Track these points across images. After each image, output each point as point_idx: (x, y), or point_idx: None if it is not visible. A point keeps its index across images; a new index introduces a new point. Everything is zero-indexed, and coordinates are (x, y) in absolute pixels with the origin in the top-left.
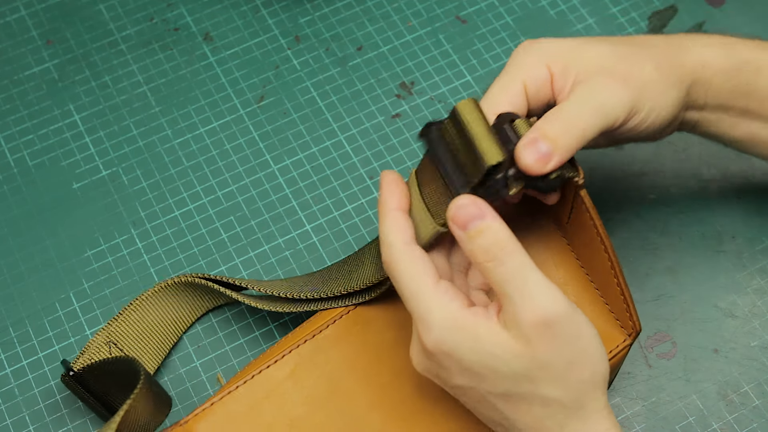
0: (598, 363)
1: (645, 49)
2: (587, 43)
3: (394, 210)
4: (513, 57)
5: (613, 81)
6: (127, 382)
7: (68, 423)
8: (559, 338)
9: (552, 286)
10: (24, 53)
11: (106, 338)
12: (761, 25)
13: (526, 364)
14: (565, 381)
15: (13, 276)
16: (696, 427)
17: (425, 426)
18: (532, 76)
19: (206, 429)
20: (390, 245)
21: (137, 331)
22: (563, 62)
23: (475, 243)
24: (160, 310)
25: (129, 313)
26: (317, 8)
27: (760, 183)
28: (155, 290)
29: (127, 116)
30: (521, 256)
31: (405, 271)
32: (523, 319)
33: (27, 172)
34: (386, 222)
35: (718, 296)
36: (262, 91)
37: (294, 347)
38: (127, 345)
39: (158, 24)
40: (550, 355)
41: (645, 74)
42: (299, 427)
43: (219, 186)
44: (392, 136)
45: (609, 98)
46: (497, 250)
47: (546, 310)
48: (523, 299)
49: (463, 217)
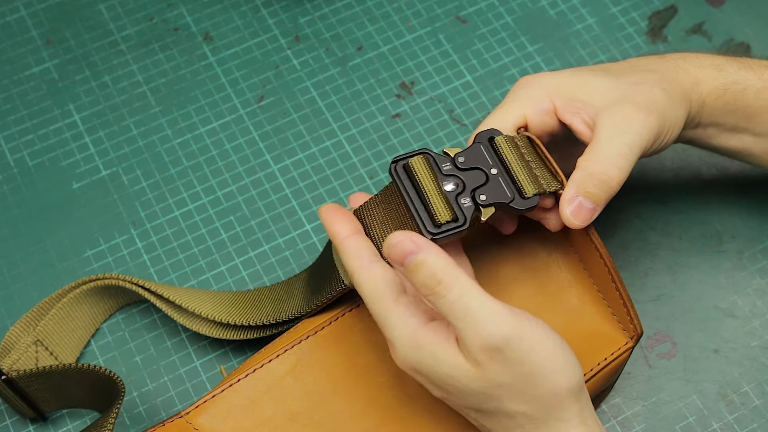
0: (558, 376)
1: (650, 74)
2: (587, 73)
3: (345, 238)
4: (514, 90)
5: (639, 110)
6: (61, 388)
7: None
8: (508, 360)
9: (496, 311)
10: (24, 53)
11: (34, 338)
12: (761, 25)
13: (483, 384)
14: (525, 396)
15: (13, 276)
16: (696, 427)
17: (424, 426)
18: (536, 108)
19: (207, 421)
20: (351, 272)
21: (62, 330)
22: (568, 93)
23: (413, 278)
24: (84, 308)
25: (56, 311)
26: (317, 8)
27: (760, 183)
28: (83, 290)
29: (127, 116)
30: (460, 286)
31: (366, 293)
32: (470, 344)
33: (27, 172)
34: (342, 251)
35: (718, 296)
36: (262, 91)
37: (296, 343)
38: (53, 343)
39: (158, 24)
40: (503, 376)
41: (659, 99)
42: (299, 422)
43: (219, 186)
44: (392, 136)
45: (642, 128)
46: (434, 284)
47: (490, 336)
48: (466, 327)
49: (398, 255)
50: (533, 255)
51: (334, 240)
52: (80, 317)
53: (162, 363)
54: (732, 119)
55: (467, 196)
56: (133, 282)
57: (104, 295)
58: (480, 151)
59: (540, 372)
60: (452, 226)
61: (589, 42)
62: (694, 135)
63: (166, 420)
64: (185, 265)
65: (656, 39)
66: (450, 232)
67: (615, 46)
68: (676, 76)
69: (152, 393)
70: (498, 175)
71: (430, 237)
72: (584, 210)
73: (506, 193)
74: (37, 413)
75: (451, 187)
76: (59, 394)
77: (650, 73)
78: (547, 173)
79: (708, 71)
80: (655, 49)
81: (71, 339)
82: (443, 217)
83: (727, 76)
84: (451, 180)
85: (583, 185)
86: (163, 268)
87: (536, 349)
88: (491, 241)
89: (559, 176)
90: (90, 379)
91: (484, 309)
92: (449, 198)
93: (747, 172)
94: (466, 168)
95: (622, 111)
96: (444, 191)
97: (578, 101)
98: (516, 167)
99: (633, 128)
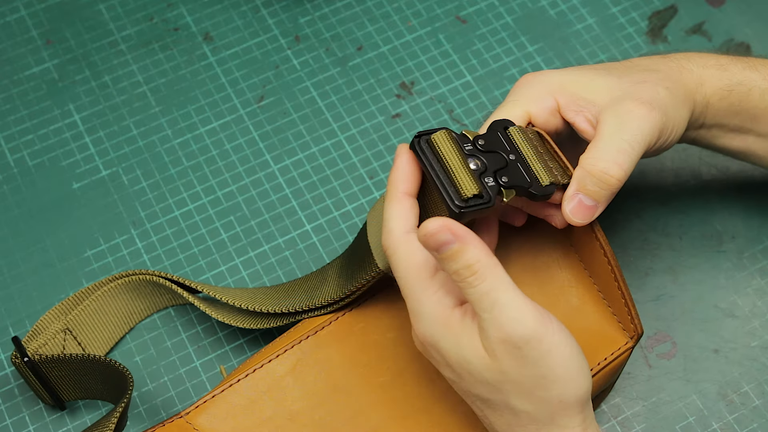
0: (569, 383)
1: (653, 74)
2: (590, 71)
3: (401, 194)
4: (516, 88)
5: (641, 105)
6: (80, 377)
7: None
8: (524, 358)
9: (522, 308)
10: (24, 53)
11: (63, 325)
12: (761, 25)
13: (495, 376)
14: (532, 396)
15: (13, 276)
16: (696, 427)
17: (424, 425)
18: (540, 107)
19: (207, 421)
20: (390, 231)
21: (93, 322)
22: (571, 91)
23: (447, 265)
24: (118, 303)
25: (89, 303)
26: (317, 8)
27: (761, 183)
28: (118, 284)
29: (127, 116)
30: (492, 278)
31: (402, 260)
32: (491, 335)
33: (27, 172)
34: (391, 206)
35: (718, 296)
36: (262, 91)
37: (296, 343)
38: (82, 334)
39: (158, 24)
40: (516, 372)
41: (662, 97)
42: (299, 422)
43: (219, 186)
44: (392, 136)
45: (644, 123)
46: (468, 273)
47: (512, 331)
48: (491, 319)
49: (434, 244)
50: (533, 255)
51: (391, 190)
52: (113, 312)
53: (162, 363)
54: (736, 120)
55: (490, 176)
56: (171, 278)
57: (140, 293)
58: (497, 137)
59: (553, 376)
60: (479, 202)
61: (589, 42)
62: (698, 135)
63: (166, 420)
64: (185, 265)
65: (656, 39)
66: (477, 207)
67: (615, 46)
68: (680, 76)
69: (152, 393)
70: (516, 160)
71: (458, 210)
72: (584, 207)
73: (525, 178)
74: (55, 401)
75: (474, 165)
76: (78, 383)
77: (653, 73)
78: (558, 167)
79: (712, 71)
80: (655, 49)
81: (102, 332)
82: (470, 191)
83: (732, 77)
84: (474, 159)
85: (583, 183)
86: (163, 269)
87: (554, 353)
88: None
89: (570, 171)
90: (107, 371)
91: (512, 304)
92: (474, 175)
93: (747, 172)
94: (486, 150)
95: (625, 107)
96: (469, 167)
97: (581, 99)
98: (531, 156)
99: (635, 123)
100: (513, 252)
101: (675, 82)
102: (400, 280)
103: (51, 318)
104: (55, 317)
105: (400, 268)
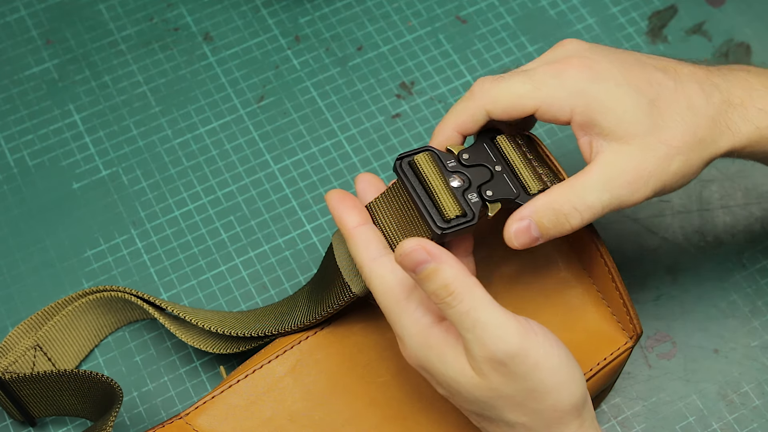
0: (561, 392)
1: (687, 117)
2: (615, 86)
3: (353, 228)
4: (542, 67)
5: (640, 177)
6: (54, 394)
7: None
8: (512, 374)
9: (504, 324)
10: (24, 53)
11: (34, 342)
12: (761, 25)
13: (486, 393)
14: (526, 409)
15: (13, 276)
16: (696, 427)
17: (424, 425)
18: (545, 105)
19: (206, 422)
20: (360, 265)
21: (64, 337)
22: (589, 114)
23: (425, 286)
24: (89, 318)
25: (60, 318)
26: (317, 8)
27: (761, 183)
28: (89, 300)
29: (127, 116)
30: (471, 298)
31: (377, 287)
32: (476, 354)
33: (27, 172)
34: (350, 242)
35: (718, 296)
36: (262, 91)
37: (296, 343)
38: (53, 350)
39: (158, 24)
40: (506, 388)
41: (675, 170)
42: (298, 422)
43: (219, 186)
44: (392, 136)
45: (631, 196)
46: (445, 294)
47: (496, 349)
48: (474, 338)
49: (410, 264)
50: (533, 255)
51: (343, 230)
52: (83, 327)
53: (162, 363)
54: None
55: (474, 192)
56: (139, 296)
57: (110, 308)
58: (483, 148)
59: (543, 388)
60: (461, 221)
61: (589, 42)
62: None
63: (166, 421)
64: (185, 265)
65: (656, 39)
66: (459, 227)
67: (615, 46)
68: (717, 124)
69: (152, 393)
70: (502, 171)
71: (440, 232)
72: (528, 236)
73: (512, 189)
74: (26, 417)
75: (457, 183)
76: (51, 400)
77: (689, 116)
78: (549, 171)
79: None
80: (655, 49)
81: (72, 347)
82: (452, 213)
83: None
84: (457, 176)
85: (539, 214)
86: (163, 268)
87: (541, 365)
88: (491, 240)
89: (561, 174)
90: (85, 386)
91: (494, 322)
92: (456, 194)
93: (747, 172)
94: (470, 165)
95: (626, 166)
96: (451, 187)
97: (597, 127)
98: (519, 164)
99: (622, 191)
100: (512, 252)
101: (709, 128)
102: (380, 306)
103: (19, 334)
104: (24, 333)
105: (377, 295)
